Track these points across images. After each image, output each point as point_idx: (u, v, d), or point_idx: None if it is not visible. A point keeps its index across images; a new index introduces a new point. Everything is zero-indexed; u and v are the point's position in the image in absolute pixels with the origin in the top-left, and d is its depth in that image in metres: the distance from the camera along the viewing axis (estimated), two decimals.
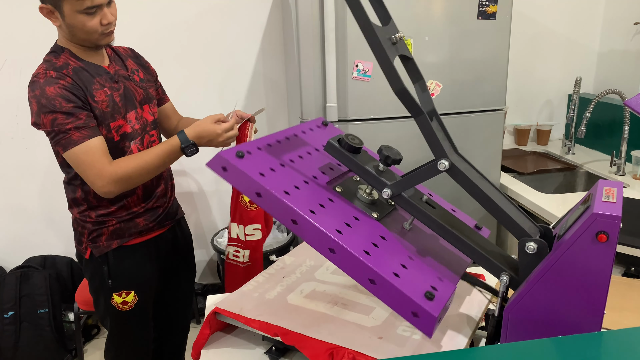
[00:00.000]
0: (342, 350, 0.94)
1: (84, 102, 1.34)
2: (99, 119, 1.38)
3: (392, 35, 0.90)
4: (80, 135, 1.32)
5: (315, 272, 1.25)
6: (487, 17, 2.05)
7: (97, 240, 1.49)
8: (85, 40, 1.37)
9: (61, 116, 1.30)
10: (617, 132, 2.45)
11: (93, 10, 1.32)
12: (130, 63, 1.54)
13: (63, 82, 1.32)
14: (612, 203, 0.77)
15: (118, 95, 1.43)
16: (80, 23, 1.33)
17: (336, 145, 0.95)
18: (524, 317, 0.82)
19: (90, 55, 1.42)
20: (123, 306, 1.53)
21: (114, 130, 1.41)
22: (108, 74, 1.44)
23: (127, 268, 1.52)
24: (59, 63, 1.37)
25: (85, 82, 1.37)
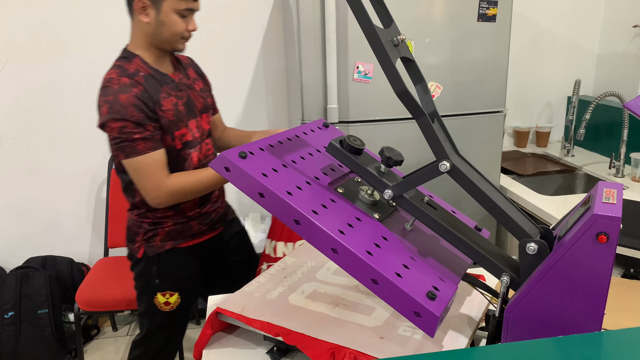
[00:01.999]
0: (344, 350, 0.94)
1: (152, 112, 1.38)
2: (165, 128, 1.41)
3: (394, 37, 0.90)
4: (145, 146, 1.36)
5: (317, 272, 1.25)
6: (487, 20, 2.06)
7: (152, 240, 1.53)
8: (165, 42, 1.42)
9: (130, 125, 1.34)
10: (616, 135, 2.46)
11: (187, 13, 1.39)
12: (191, 72, 1.59)
13: (135, 91, 1.36)
14: (612, 204, 0.77)
15: (182, 104, 1.47)
16: (172, 22, 1.38)
17: (338, 146, 0.96)
18: (524, 318, 0.83)
19: (159, 63, 1.47)
20: (165, 306, 1.56)
21: (177, 139, 1.45)
22: (173, 82, 1.48)
23: (175, 270, 1.56)
24: (130, 69, 1.40)
25: (154, 90, 1.40)
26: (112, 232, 2.51)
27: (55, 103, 2.46)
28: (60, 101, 2.46)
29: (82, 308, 2.16)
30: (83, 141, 2.53)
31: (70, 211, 2.60)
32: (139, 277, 1.58)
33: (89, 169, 2.56)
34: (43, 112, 2.46)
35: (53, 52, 2.40)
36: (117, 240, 2.53)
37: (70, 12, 2.37)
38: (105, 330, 2.69)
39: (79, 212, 2.62)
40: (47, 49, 2.39)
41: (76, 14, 2.38)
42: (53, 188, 2.55)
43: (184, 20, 1.40)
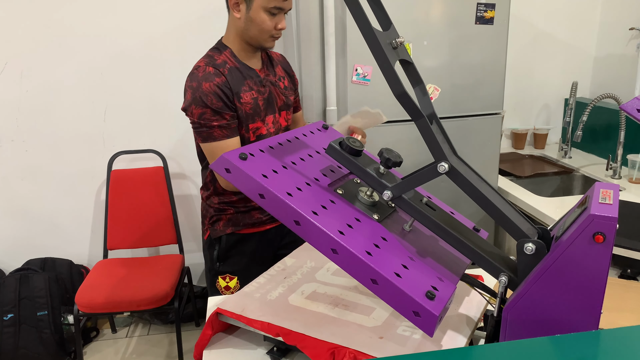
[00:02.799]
0: (344, 349, 0.95)
1: (231, 102, 1.46)
2: (241, 119, 1.49)
3: (392, 40, 0.91)
4: (220, 134, 1.45)
5: (316, 273, 1.26)
6: (485, 22, 2.07)
7: (216, 224, 1.63)
8: (253, 39, 1.48)
9: (210, 112, 1.42)
10: (613, 136, 2.48)
11: (276, 11, 1.43)
12: (280, 70, 1.64)
13: (218, 80, 1.44)
14: (608, 205, 0.78)
15: (262, 99, 1.54)
16: (260, 20, 1.43)
17: (337, 148, 0.97)
18: (522, 317, 0.83)
19: (248, 58, 1.53)
20: (226, 291, 1.63)
21: (251, 132, 1.53)
22: (258, 78, 1.54)
23: (235, 254, 1.63)
24: (218, 60, 1.48)
25: (236, 82, 1.48)
26: (112, 234, 2.51)
27: (55, 105, 2.46)
28: (59, 103, 2.46)
29: (81, 310, 2.17)
30: (82, 143, 2.53)
31: (69, 213, 2.60)
32: (206, 260, 1.69)
33: (89, 170, 2.57)
34: (42, 114, 2.46)
35: (53, 55, 2.41)
36: (116, 242, 2.53)
37: (70, 15, 2.38)
38: (104, 332, 2.69)
39: (78, 214, 2.62)
40: (47, 51, 2.40)
41: (76, 17, 2.39)
42: (52, 190, 2.55)
43: (273, 18, 1.44)
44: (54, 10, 2.36)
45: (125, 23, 2.44)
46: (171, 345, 2.58)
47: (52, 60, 2.42)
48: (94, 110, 2.51)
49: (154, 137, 2.58)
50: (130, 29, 2.45)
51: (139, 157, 2.60)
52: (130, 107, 2.54)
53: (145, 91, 2.53)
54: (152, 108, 2.56)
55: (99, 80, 2.48)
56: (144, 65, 2.50)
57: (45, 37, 2.38)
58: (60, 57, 2.42)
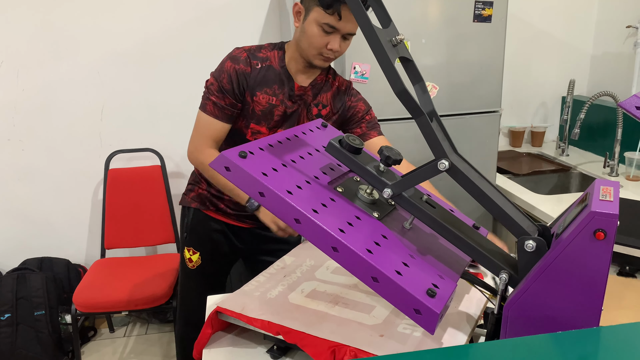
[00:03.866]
0: (344, 347, 0.95)
1: (239, 92, 1.45)
2: (245, 113, 1.48)
3: (392, 37, 0.91)
4: (212, 109, 1.46)
5: (316, 271, 1.26)
6: (483, 20, 2.07)
7: (188, 193, 1.66)
8: (304, 51, 1.43)
9: (216, 86, 1.45)
10: (611, 134, 2.48)
11: (330, 30, 1.36)
12: (325, 97, 1.54)
13: (241, 67, 1.44)
14: (609, 202, 0.78)
15: (282, 111, 1.49)
16: (311, 33, 1.38)
17: (337, 145, 0.96)
18: (523, 315, 0.83)
19: (296, 69, 1.48)
20: (189, 263, 1.65)
21: (250, 131, 1.51)
22: (291, 91, 1.49)
23: (199, 230, 1.64)
24: (261, 54, 1.47)
25: (261, 80, 1.46)
26: (109, 234, 2.50)
27: (51, 105, 2.45)
28: (56, 102, 2.45)
29: (79, 309, 2.16)
30: (79, 142, 2.52)
31: (66, 212, 2.59)
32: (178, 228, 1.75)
33: (86, 170, 2.56)
34: (39, 113, 2.45)
35: (49, 55, 2.40)
36: (113, 242, 2.52)
37: (66, 15, 2.37)
38: (102, 331, 2.69)
39: (75, 214, 2.61)
40: (43, 52, 2.39)
41: (72, 18, 2.38)
42: (49, 189, 2.54)
43: (325, 35, 1.38)
44: (51, 10, 2.34)
45: (122, 22, 2.43)
46: (169, 344, 2.57)
47: (49, 59, 2.40)
48: (90, 109, 2.50)
49: (151, 136, 2.58)
50: (127, 28, 2.44)
51: (136, 156, 2.59)
52: (127, 106, 2.53)
53: (142, 90, 2.52)
54: (149, 107, 2.55)
55: (95, 79, 2.47)
56: (141, 64, 2.49)
57: (41, 36, 2.37)
58: (56, 56, 2.41)
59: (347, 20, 1.36)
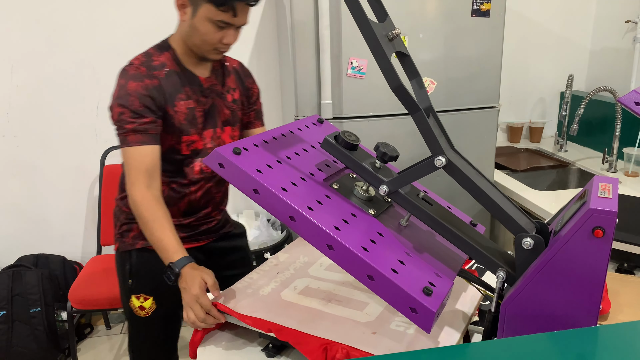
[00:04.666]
0: (336, 345, 0.94)
1: (158, 108, 1.31)
2: (171, 128, 1.35)
3: (389, 31, 0.90)
4: (134, 139, 1.29)
5: (309, 268, 1.25)
6: (481, 15, 2.05)
7: (125, 235, 1.45)
8: (196, 47, 1.34)
9: (128, 114, 1.28)
10: (609, 130, 2.47)
11: (223, 25, 1.29)
12: (231, 81, 1.49)
13: (148, 82, 1.30)
14: (608, 199, 0.77)
15: (202, 110, 1.40)
16: (205, 30, 1.29)
17: (333, 142, 0.95)
18: (520, 313, 0.83)
19: (193, 63, 1.39)
20: (140, 311, 1.45)
21: (184, 144, 1.38)
22: (200, 87, 1.40)
23: (148, 272, 1.42)
24: (156, 62, 1.35)
25: (173, 88, 1.34)
26: (105, 230, 2.49)
27: (46, 100, 2.43)
28: (51, 98, 2.43)
29: (75, 306, 2.15)
30: (75, 138, 2.50)
31: (62, 209, 2.58)
32: (118, 274, 1.49)
33: (81, 166, 2.54)
34: (34, 109, 2.43)
35: (43, 49, 2.37)
36: (109, 238, 2.51)
37: (61, 9, 2.34)
38: (98, 328, 2.68)
39: (71, 210, 2.59)
40: (38, 46, 2.37)
41: (67, 12, 2.35)
42: (45, 186, 2.53)
43: (219, 31, 1.30)
44: (45, 4, 2.32)
45: (117, 17, 2.41)
46: None
47: (43, 54, 2.38)
48: (85, 105, 2.48)
49: None
50: (121, 23, 2.42)
51: None
52: None
53: None
54: None
55: (90, 75, 2.45)
56: None
57: (35, 31, 2.35)
58: (51, 52, 2.39)
59: (242, 14, 1.29)
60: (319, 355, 0.94)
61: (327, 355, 0.94)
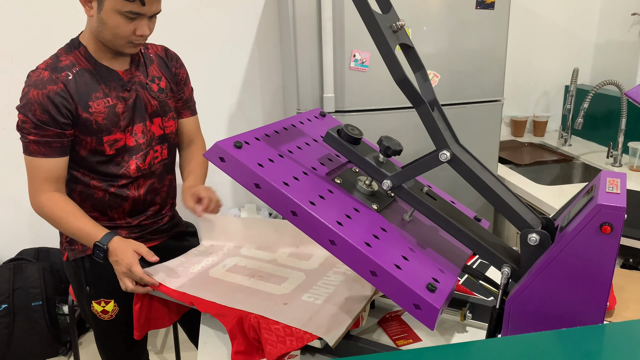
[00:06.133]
0: (249, 315, 0.99)
1: (68, 114, 1.24)
2: (89, 130, 1.28)
3: (393, 23, 0.88)
4: (36, 150, 1.25)
5: (241, 248, 1.31)
6: (486, 7, 2.03)
7: (74, 242, 1.40)
8: (109, 42, 1.26)
9: (30, 124, 1.23)
10: (614, 124, 2.45)
11: (133, 16, 1.21)
12: (154, 69, 1.41)
13: (51, 89, 1.23)
14: (616, 194, 0.76)
15: (124, 106, 1.32)
16: (114, 23, 1.21)
17: (335, 136, 0.94)
18: (525, 310, 0.81)
19: (108, 58, 1.32)
20: (104, 315, 1.42)
21: (106, 144, 1.31)
22: (120, 81, 1.33)
23: (104, 276, 1.35)
24: (63, 62, 1.28)
25: (85, 89, 1.27)
26: None
27: None
28: None
29: (76, 300, 2.14)
30: None
31: None
32: (72, 283, 1.46)
33: None
34: None
35: (43, 41, 2.36)
36: None
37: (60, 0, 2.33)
38: None
39: None
40: (38, 38, 2.35)
41: (66, 3, 2.33)
42: None
43: (130, 22, 1.21)
44: None
45: None
46: (167, 334, 2.56)
47: (43, 46, 2.36)
48: None
49: None
50: None
51: None
52: None
53: None
54: None
55: None
56: None
57: (35, 23, 2.33)
58: (51, 43, 2.35)
59: (151, 3, 1.21)
60: (234, 324, 1.00)
61: (243, 325, 0.99)
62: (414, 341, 1.07)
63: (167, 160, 1.45)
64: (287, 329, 0.94)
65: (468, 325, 1.12)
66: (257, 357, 0.99)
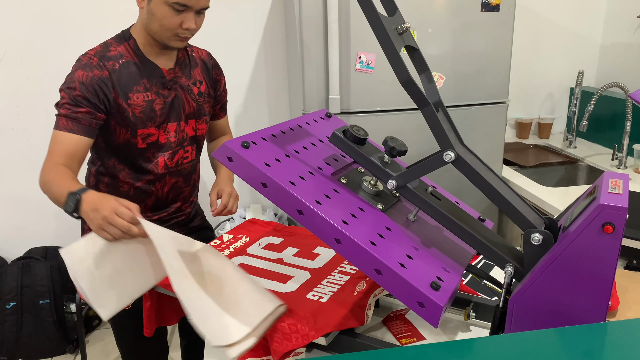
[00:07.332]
0: None
1: (105, 100, 1.29)
2: (125, 121, 1.33)
3: (398, 25, 0.89)
4: (64, 124, 1.27)
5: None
6: (491, 9, 2.04)
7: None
8: (156, 34, 1.30)
9: (67, 98, 1.27)
10: (619, 126, 2.45)
11: (181, 8, 1.25)
12: (197, 73, 1.46)
13: (96, 73, 1.28)
14: (618, 194, 0.77)
15: (162, 102, 1.36)
16: (161, 14, 1.26)
17: (341, 136, 0.95)
18: (528, 308, 0.82)
19: (155, 54, 1.36)
20: None
21: (140, 137, 1.35)
22: (162, 79, 1.37)
23: None
24: (113, 52, 1.33)
25: (127, 80, 1.31)
26: None
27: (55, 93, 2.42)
28: None
29: (83, 299, 2.16)
30: None
31: None
32: None
33: None
34: (43, 102, 2.44)
35: (53, 41, 2.38)
36: None
37: (71, 1, 2.35)
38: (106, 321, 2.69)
39: None
40: (47, 38, 2.38)
41: (76, 2, 2.36)
42: None
43: (177, 15, 1.26)
44: None
45: (126, 10, 2.41)
46: (174, 332, 2.58)
47: (53, 47, 2.39)
48: None
49: None
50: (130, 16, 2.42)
51: None
52: None
53: None
54: None
55: None
56: None
57: (45, 24, 2.36)
58: (60, 44, 2.40)
59: None
60: None
61: None
62: (417, 340, 1.08)
63: (195, 161, 1.52)
64: (292, 327, 0.95)
65: (471, 325, 1.13)
66: (262, 354, 1.00)
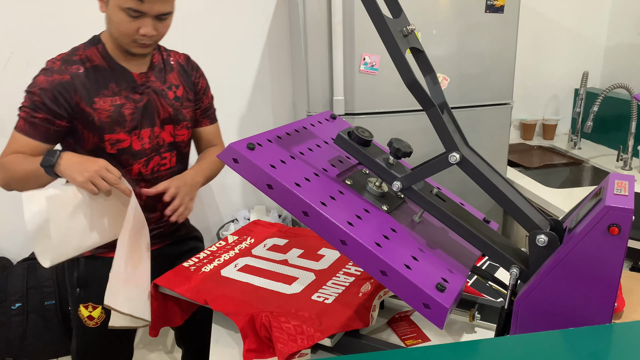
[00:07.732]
0: (260, 314, 1.01)
1: (59, 105, 1.26)
2: (90, 126, 1.30)
3: (403, 27, 0.90)
4: (22, 127, 1.27)
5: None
6: (495, 11, 2.04)
7: None
8: (117, 40, 1.29)
9: (27, 102, 1.27)
10: (624, 127, 2.44)
11: (135, 14, 1.21)
12: (173, 77, 1.42)
13: (56, 78, 1.26)
14: (624, 196, 0.77)
15: (133, 107, 1.33)
16: (118, 20, 1.23)
17: (346, 138, 0.95)
18: (533, 310, 0.82)
19: (125, 57, 1.33)
20: (89, 321, 1.39)
21: (107, 143, 1.32)
22: (132, 83, 1.33)
23: (97, 280, 1.34)
24: (77, 56, 1.32)
25: (92, 85, 1.29)
26: None
27: None
28: None
29: None
30: None
31: None
32: (66, 284, 1.44)
33: None
34: None
35: (58, 44, 2.39)
36: None
37: (75, 3, 2.36)
38: None
39: None
40: (52, 41, 2.39)
41: (80, 5, 2.37)
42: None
43: (133, 20, 1.22)
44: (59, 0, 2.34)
45: None
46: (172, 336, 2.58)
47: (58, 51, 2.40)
48: None
49: None
50: None
51: None
52: None
53: None
54: None
55: None
56: None
57: (51, 26, 2.37)
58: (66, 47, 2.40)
59: (152, 1, 1.20)
60: (246, 323, 1.02)
61: (254, 322, 1.01)
62: (422, 341, 1.08)
63: (175, 169, 1.44)
64: (298, 328, 0.96)
65: (477, 326, 1.13)
66: (268, 356, 1.01)
